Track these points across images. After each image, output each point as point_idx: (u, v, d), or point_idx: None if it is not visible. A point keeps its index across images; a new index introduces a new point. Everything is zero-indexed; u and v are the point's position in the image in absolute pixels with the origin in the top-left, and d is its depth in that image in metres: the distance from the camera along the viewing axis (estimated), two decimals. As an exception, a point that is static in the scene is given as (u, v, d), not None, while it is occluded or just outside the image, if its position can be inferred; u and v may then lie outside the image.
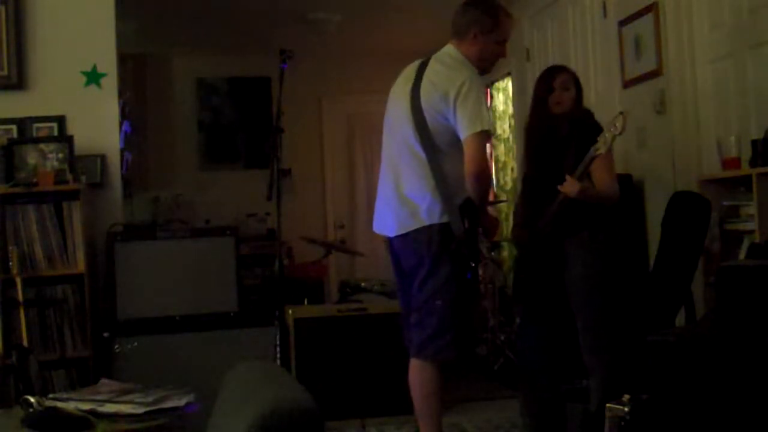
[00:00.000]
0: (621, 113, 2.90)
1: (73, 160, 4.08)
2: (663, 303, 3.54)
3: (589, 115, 3.31)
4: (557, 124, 3.25)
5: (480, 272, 6.63)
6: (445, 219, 3.04)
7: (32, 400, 2.34)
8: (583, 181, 2.98)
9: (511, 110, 6.40)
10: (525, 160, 3.43)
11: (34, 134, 4.21)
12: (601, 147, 2.88)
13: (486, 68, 3.27)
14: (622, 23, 4.43)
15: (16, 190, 3.94)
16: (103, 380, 2.98)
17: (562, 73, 3.32)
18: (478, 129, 3.00)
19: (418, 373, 3.16)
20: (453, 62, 3.18)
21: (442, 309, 3.07)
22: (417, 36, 7.03)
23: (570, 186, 2.96)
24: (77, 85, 4.30)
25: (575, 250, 3.16)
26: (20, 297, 3.67)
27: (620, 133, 2.86)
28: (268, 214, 6.80)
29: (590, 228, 3.15)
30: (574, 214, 3.11)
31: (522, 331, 3.38)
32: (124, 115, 5.04)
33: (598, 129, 3.14)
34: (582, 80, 5.05)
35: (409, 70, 3.29)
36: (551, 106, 3.28)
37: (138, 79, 6.69)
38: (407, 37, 6.91)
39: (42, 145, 4.09)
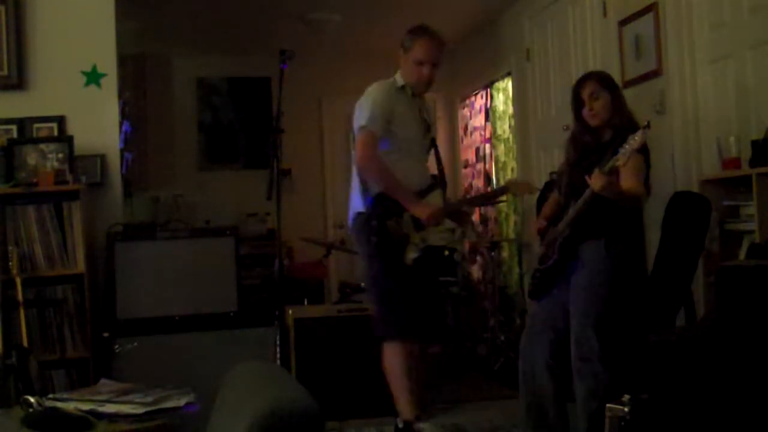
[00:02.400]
0: (644, 127, 2.86)
1: (73, 160, 4.09)
2: (663, 303, 3.54)
3: (631, 122, 3.21)
4: (598, 134, 3.23)
5: (481, 273, 6.64)
6: (362, 210, 3.43)
7: (32, 400, 2.34)
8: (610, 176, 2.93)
9: (511, 110, 6.40)
10: (565, 166, 3.38)
11: (34, 134, 4.21)
12: (620, 159, 2.85)
13: (418, 88, 3.57)
14: (622, 23, 4.43)
15: (16, 190, 3.94)
16: (103, 380, 2.98)
17: (588, 83, 3.23)
18: (360, 124, 3.41)
19: (384, 353, 3.47)
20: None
21: (371, 292, 3.55)
22: (417, 36, 7.04)
23: (596, 179, 2.92)
24: (77, 85, 4.30)
25: (589, 256, 3.13)
26: (20, 297, 3.67)
27: (637, 148, 2.83)
28: (268, 214, 6.80)
29: (608, 235, 3.12)
30: (594, 219, 3.09)
31: (531, 329, 3.37)
32: (124, 115, 5.04)
33: None
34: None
35: None
36: (587, 120, 3.23)
37: (138, 79, 6.68)
38: (407, 37, 6.91)
39: (42, 145, 4.09)
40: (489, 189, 6.74)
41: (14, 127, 4.21)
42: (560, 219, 3.26)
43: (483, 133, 7.12)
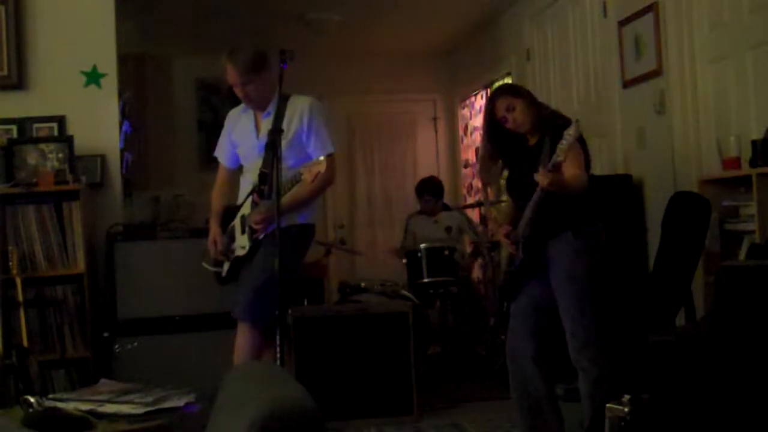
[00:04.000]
0: (576, 121, 2.94)
1: (73, 160, 4.09)
2: (663, 303, 3.54)
3: (549, 112, 3.28)
4: (526, 137, 3.27)
5: (481, 273, 6.64)
6: None
7: (32, 400, 2.34)
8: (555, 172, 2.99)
9: (511, 110, 6.40)
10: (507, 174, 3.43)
11: (34, 134, 4.22)
12: (560, 155, 2.92)
13: (248, 105, 3.69)
14: (622, 23, 4.43)
15: (16, 190, 3.94)
16: (103, 380, 2.98)
17: (500, 99, 3.26)
18: None
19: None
20: None
21: None
22: (417, 36, 7.03)
23: (542, 177, 2.98)
24: (77, 85, 4.30)
25: (560, 249, 3.15)
26: (20, 297, 3.67)
27: (573, 140, 2.89)
28: (268, 214, 6.78)
29: (572, 227, 3.14)
30: (554, 215, 3.11)
31: (513, 330, 3.36)
32: (124, 115, 5.04)
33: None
34: (582, 80, 5.10)
35: None
36: (514, 130, 3.26)
37: (138, 79, 6.67)
38: (407, 37, 6.91)
39: (42, 145, 4.09)
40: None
41: (14, 127, 4.22)
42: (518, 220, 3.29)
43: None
